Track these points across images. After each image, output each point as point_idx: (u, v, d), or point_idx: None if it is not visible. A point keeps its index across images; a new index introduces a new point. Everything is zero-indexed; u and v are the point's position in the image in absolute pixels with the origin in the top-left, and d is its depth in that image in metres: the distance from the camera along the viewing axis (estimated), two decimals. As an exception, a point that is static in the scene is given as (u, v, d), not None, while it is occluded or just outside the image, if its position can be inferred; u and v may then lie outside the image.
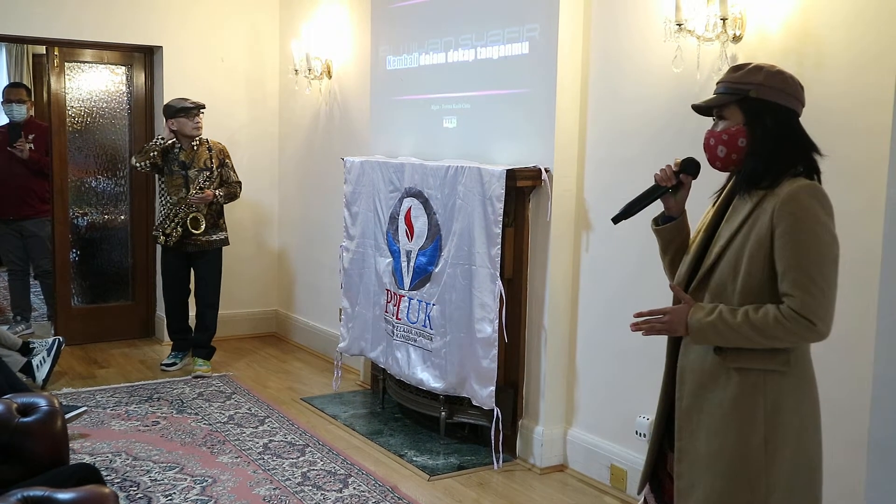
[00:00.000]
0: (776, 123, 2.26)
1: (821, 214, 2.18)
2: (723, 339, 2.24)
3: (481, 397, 4.29)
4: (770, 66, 2.31)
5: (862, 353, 2.94)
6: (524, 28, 4.29)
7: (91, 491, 2.15)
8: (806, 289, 2.14)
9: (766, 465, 2.24)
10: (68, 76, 6.41)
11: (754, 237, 2.23)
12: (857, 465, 2.92)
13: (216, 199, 5.66)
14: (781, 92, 2.27)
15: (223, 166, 5.75)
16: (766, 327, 2.17)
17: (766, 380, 2.25)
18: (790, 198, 2.18)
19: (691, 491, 2.33)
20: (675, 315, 2.31)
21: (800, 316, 2.14)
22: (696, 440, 2.34)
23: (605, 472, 4.09)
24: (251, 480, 4.06)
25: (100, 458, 4.28)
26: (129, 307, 6.77)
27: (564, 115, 4.16)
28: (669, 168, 2.47)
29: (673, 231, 2.51)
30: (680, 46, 3.52)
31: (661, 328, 2.34)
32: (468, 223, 4.34)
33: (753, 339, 2.20)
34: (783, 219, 2.17)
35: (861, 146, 3.00)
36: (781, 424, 2.24)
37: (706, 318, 2.24)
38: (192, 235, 5.64)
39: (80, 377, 5.70)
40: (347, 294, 5.30)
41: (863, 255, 2.99)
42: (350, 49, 5.97)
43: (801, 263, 2.15)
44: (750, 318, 2.18)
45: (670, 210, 2.52)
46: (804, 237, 2.15)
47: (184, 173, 5.64)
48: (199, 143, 5.72)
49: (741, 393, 2.26)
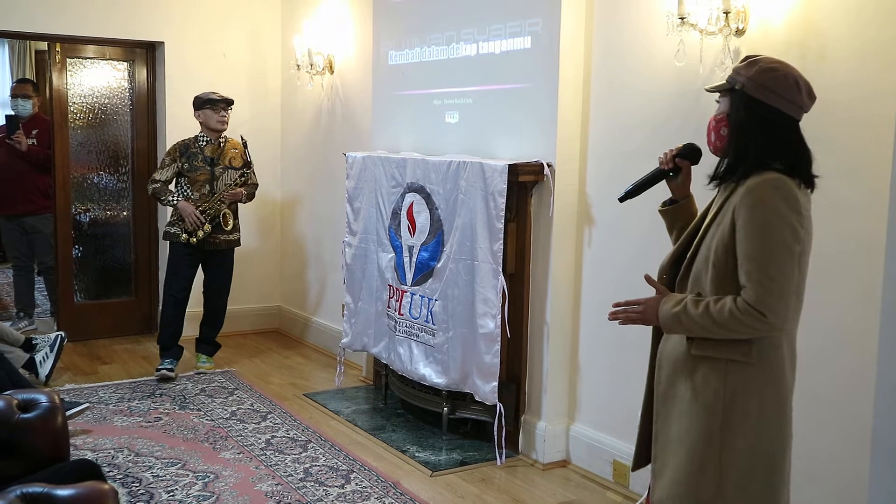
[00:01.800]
0: (751, 119, 2.30)
1: (781, 207, 2.19)
2: (687, 329, 2.32)
3: (484, 393, 4.29)
4: (768, 63, 2.31)
5: (863, 347, 2.93)
6: (526, 22, 4.27)
7: (91, 487, 2.15)
8: (759, 281, 2.18)
9: (721, 450, 2.30)
10: (70, 72, 6.41)
11: (720, 229, 2.29)
12: (856, 459, 2.91)
13: (241, 199, 5.65)
14: (768, 91, 2.27)
15: (248, 166, 5.69)
16: (722, 319, 2.22)
17: (728, 368, 2.30)
18: (749, 190, 2.23)
19: (663, 472, 2.43)
20: (648, 305, 2.40)
21: (752, 308, 2.18)
22: (668, 424, 2.43)
23: (608, 468, 4.08)
24: (253, 476, 4.06)
25: (102, 454, 4.28)
26: (132, 303, 6.77)
27: (566, 110, 4.15)
28: (670, 152, 2.60)
29: (675, 213, 2.63)
30: (682, 40, 3.50)
31: (636, 318, 2.44)
32: (470, 218, 4.32)
33: (712, 329, 2.26)
34: (742, 211, 2.23)
35: (864, 139, 2.99)
36: (739, 412, 2.29)
37: (673, 309, 2.32)
38: (218, 233, 5.60)
39: (82, 373, 5.71)
40: (350, 289, 5.30)
41: (864, 248, 2.98)
42: (352, 44, 5.96)
43: (755, 256, 2.19)
44: (709, 310, 2.25)
45: (674, 193, 2.64)
46: (760, 230, 2.19)
47: (209, 169, 5.58)
48: (226, 139, 5.70)
49: (704, 380, 2.33)
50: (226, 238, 5.67)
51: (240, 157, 5.68)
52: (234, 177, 5.62)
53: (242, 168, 5.67)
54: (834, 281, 3.05)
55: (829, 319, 3.06)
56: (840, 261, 3.03)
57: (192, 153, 5.61)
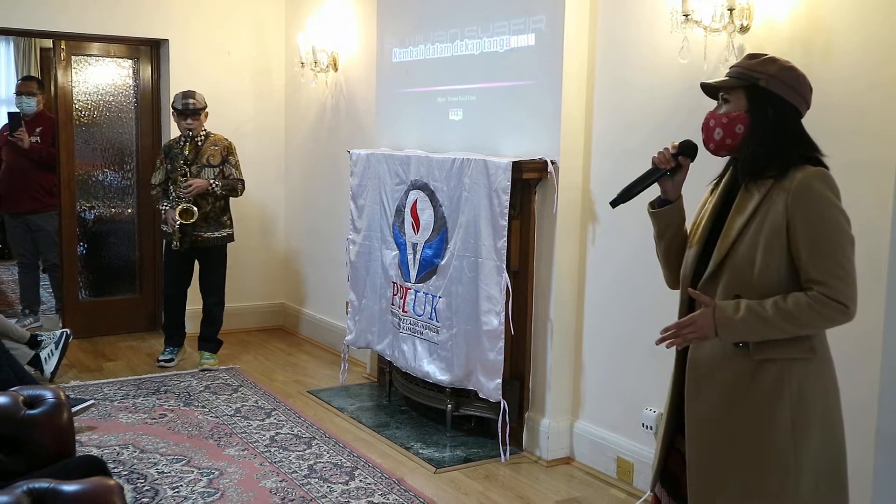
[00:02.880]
0: (777, 116, 2.28)
1: (834, 199, 2.20)
2: (755, 333, 2.23)
3: (488, 390, 4.29)
4: (784, 61, 2.32)
5: (868, 341, 2.93)
6: (530, 20, 4.27)
7: (96, 483, 2.15)
8: (834, 274, 2.16)
9: (794, 452, 2.24)
10: (75, 70, 6.42)
11: (768, 228, 2.23)
12: (863, 451, 2.91)
13: (212, 191, 5.61)
14: (790, 88, 2.28)
15: (225, 163, 5.70)
16: (801, 315, 2.17)
17: (792, 368, 2.25)
18: (803, 187, 2.19)
19: (719, 486, 2.31)
20: (701, 320, 2.27)
21: (833, 301, 2.16)
22: (720, 434, 2.31)
23: (612, 465, 4.09)
24: (258, 473, 4.07)
25: (107, 450, 4.30)
26: (137, 300, 6.79)
27: (570, 107, 4.14)
28: (668, 150, 2.48)
29: (670, 214, 2.51)
30: (686, 37, 3.50)
31: (693, 337, 2.30)
32: (474, 215, 4.33)
33: (786, 328, 2.20)
34: (799, 208, 2.19)
35: (869, 136, 2.98)
36: (807, 411, 2.24)
37: (736, 316, 2.22)
38: (202, 231, 5.62)
39: (87, 370, 5.72)
40: (354, 287, 5.30)
41: (869, 241, 2.97)
42: (356, 41, 5.97)
43: (824, 250, 2.17)
44: (781, 309, 2.18)
45: (667, 193, 2.51)
46: (823, 224, 2.18)
47: (186, 168, 5.62)
48: (205, 138, 5.71)
49: (766, 383, 2.26)
50: (212, 236, 5.69)
51: (219, 154, 5.69)
52: (212, 174, 5.64)
53: (220, 165, 5.68)
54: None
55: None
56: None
57: (175, 154, 5.67)
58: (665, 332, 2.35)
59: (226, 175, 5.70)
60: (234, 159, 5.76)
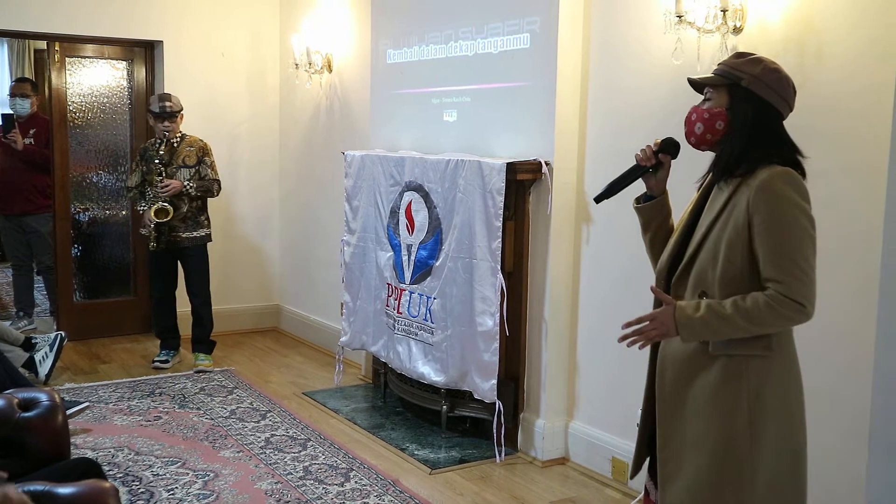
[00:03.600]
0: (756, 116, 2.31)
1: (796, 198, 2.21)
2: (715, 332, 2.26)
3: (483, 391, 4.30)
4: (770, 62, 2.34)
5: (861, 342, 2.94)
6: (524, 21, 4.28)
7: (91, 485, 2.16)
8: (791, 273, 2.18)
9: (750, 448, 2.27)
10: (69, 71, 6.41)
11: (732, 225, 2.26)
12: (854, 454, 2.92)
13: (186, 191, 5.61)
14: (772, 90, 2.30)
15: (201, 164, 5.71)
16: (758, 314, 2.19)
17: (750, 364, 2.27)
18: (764, 185, 2.22)
19: (675, 477, 2.37)
20: (662, 317, 2.32)
21: (789, 300, 2.17)
22: (680, 428, 2.37)
23: (607, 465, 4.09)
24: (253, 475, 4.07)
25: (102, 452, 4.29)
26: (131, 302, 6.78)
27: (564, 108, 4.15)
28: (650, 148, 2.54)
29: (653, 209, 2.57)
30: (680, 38, 3.51)
31: (654, 335, 2.35)
32: (469, 217, 4.33)
33: (744, 327, 2.22)
34: (759, 206, 2.21)
35: (861, 135, 2.99)
36: (765, 408, 2.27)
37: (695, 315, 2.26)
38: (179, 232, 5.64)
39: (82, 372, 5.72)
40: (349, 288, 5.30)
41: (862, 243, 2.99)
42: (350, 43, 5.97)
43: (782, 249, 2.19)
44: (740, 308, 2.21)
45: (651, 189, 2.58)
46: (783, 223, 2.19)
47: (163, 169, 5.63)
48: (181, 139, 5.72)
49: (725, 378, 2.29)
50: (189, 236, 5.70)
51: (194, 155, 5.70)
52: (187, 175, 5.64)
53: (196, 165, 5.69)
54: (831, 275, 3.05)
55: (826, 314, 3.06)
56: (837, 255, 3.03)
57: (150, 155, 5.69)
58: (626, 328, 2.39)
59: (202, 176, 5.71)
60: (210, 160, 5.77)
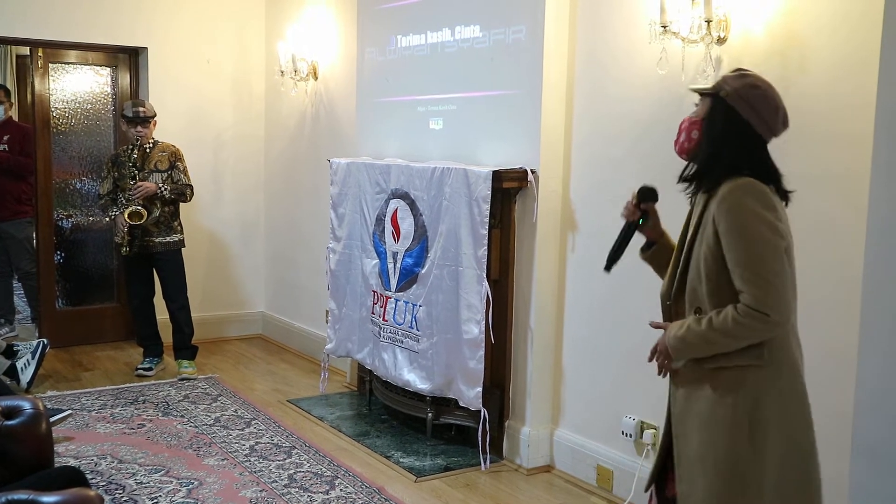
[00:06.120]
0: (727, 128, 2.32)
1: (756, 208, 2.22)
2: (696, 349, 2.31)
3: (468, 398, 4.30)
4: (756, 80, 2.34)
5: (850, 360, 2.96)
6: (510, 30, 4.30)
7: (76, 494, 2.14)
8: (754, 283, 2.19)
9: (753, 460, 2.27)
10: (52, 77, 6.37)
11: (705, 240, 2.31)
12: (837, 459, 2.94)
13: (159, 193, 5.60)
14: (749, 106, 2.30)
15: (173, 168, 5.71)
16: (727, 328, 2.23)
17: (745, 375, 2.28)
18: (723, 197, 2.26)
19: (690, 496, 2.37)
20: (661, 344, 2.41)
21: (753, 310, 2.19)
22: (689, 443, 2.38)
23: (592, 473, 4.10)
24: (237, 483, 4.05)
25: (85, 461, 4.26)
26: (114, 309, 6.73)
27: (550, 117, 4.17)
28: (630, 203, 2.62)
29: (658, 255, 2.64)
30: (665, 48, 3.54)
31: (664, 363, 2.42)
32: (454, 224, 4.34)
33: (720, 342, 2.26)
34: (721, 218, 2.25)
35: (843, 148, 3.02)
36: (764, 418, 2.27)
37: (677, 334, 2.33)
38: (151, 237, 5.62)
39: (64, 380, 5.67)
40: (334, 295, 5.30)
41: (843, 259, 3.01)
42: (336, 50, 5.97)
43: (743, 259, 2.21)
44: (713, 324, 2.25)
45: (649, 236, 2.67)
46: (743, 234, 2.22)
47: (135, 171, 5.62)
48: (154, 145, 5.72)
49: (722, 392, 2.30)
50: (161, 241, 5.69)
51: (167, 160, 5.70)
52: (160, 179, 5.64)
53: (168, 170, 5.69)
54: (814, 281, 3.07)
55: (808, 320, 3.08)
56: (820, 271, 3.05)
57: (122, 161, 5.69)
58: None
59: (174, 180, 5.71)
60: (183, 165, 5.77)
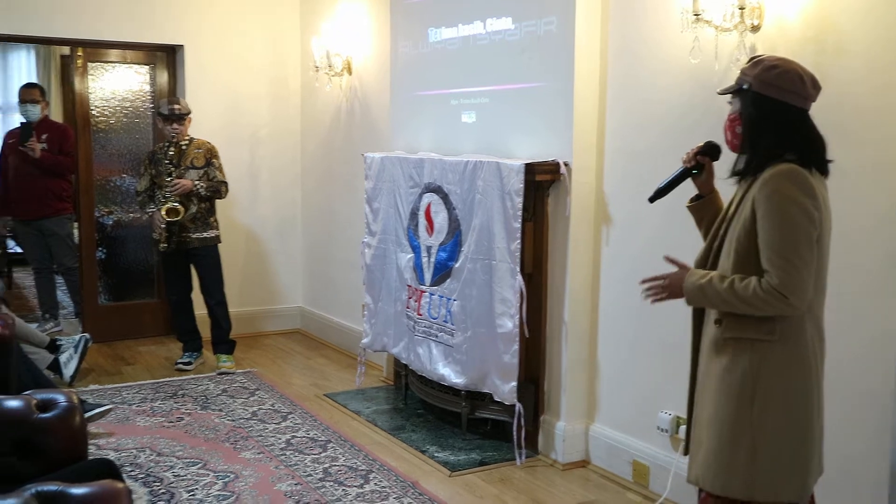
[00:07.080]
0: (761, 115, 2.43)
1: (796, 195, 2.31)
2: (710, 301, 2.46)
3: (503, 393, 4.28)
4: (770, 61, 2.44)
5: (884, 342, 2.90)
6: (541, 21, 4.26)
7: (104, 486, 2.16)
8: (781, 267, 2.30)
9: (752, 427, 2.40)
10: (92, 76, 6.47)
11: (741, 220, 2.41)
12: (878, 452, 2.88)
13: (195, 190, 5.67)
14: (774, 87, 2.40)
15: (209, 165, 5.78)
16: (746, 296, 2.35)
17: (754, 347, 2.41)
18: (765, 182, 2.35)
19: (698, 451, 2.54)
20: (674, 278, 2.55)
21: (776, 291, 2.31)
22: (705, 408, 2.53)
23: (628, 468, 4.06)
24: (273, 476, 4.08)
25: (124, 453, 4.32)
26: (155, 305, 6.82)
27: (582, 109, 4.13)
28: (692, 151, 2.71)
29: (703, 208, 2.72)
30: (697, 37, 3.48)
31: (662, 293, 2.57)
32: (487, 218, 4.32)
33: (734, 304, 2.38)
34: (760, 202, 2.35)
35: (882, 135, 2.95)
36: (765, 390, 2.39)
37: (698, 281, 2.46)
38: (188, 233, 5.69)
39: (106, 374, 5.77)
40: (370, 290, 5.31)
41: (885, 240, 2.94)
42: (369, 45, 5.98)
43: (775, 243, 2.32)
44: (734, 286, 2.37)
45: (700, 189, 2.74)
46: (778, 218, 2.32)
47: (173, 171, 5.69)
48: (190, 142, 5.78)
49: (732, 361, 2.44)
50: (198, 237, 5.75)
51: (203, 157, 5.77)
52: (196, 176, 5.70)
53: (204, 167, 5.75)
54: (852, 269, 3.01)
55: (848, 318, 3.02)
56: (857, 250, 2.99)
57: (158, 158, 5.77)
58: (642, 283, 2.63)
59: (210, 177, 5.77)
60: (218, 162, 5.84)
